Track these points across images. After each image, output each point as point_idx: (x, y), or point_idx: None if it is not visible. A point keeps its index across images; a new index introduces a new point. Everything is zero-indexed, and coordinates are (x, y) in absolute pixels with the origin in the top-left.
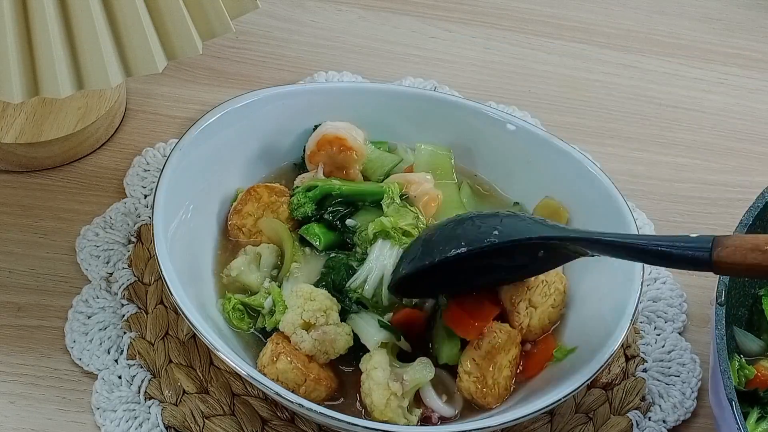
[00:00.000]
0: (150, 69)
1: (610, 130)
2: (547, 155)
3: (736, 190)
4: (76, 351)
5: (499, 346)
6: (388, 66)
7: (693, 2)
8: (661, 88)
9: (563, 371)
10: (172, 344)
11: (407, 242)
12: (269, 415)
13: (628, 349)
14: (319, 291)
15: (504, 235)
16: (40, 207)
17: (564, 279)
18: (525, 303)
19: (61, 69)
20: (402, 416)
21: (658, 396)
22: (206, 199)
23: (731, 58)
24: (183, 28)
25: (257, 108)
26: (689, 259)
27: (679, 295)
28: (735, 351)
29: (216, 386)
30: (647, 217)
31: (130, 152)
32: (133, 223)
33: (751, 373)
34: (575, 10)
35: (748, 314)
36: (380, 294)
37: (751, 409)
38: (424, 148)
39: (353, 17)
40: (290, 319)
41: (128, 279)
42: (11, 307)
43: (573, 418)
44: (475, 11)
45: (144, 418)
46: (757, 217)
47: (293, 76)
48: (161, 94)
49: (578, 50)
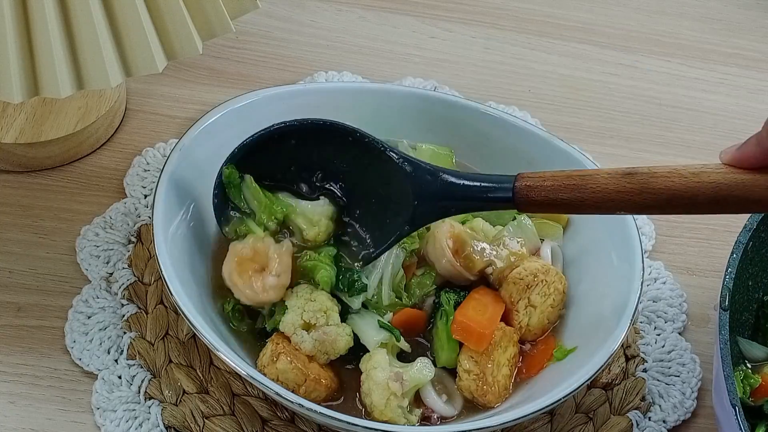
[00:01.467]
0: (150, 69)
1: (610, 130)
2: (547, 155)
3: None
4: (76, 351)
5: (495, 342)
6: (388, 66)
7: (693, 2)
8: (661, 88)
9: (563, 371)
10: (172, 344)
11: (406, 242)
12: (269, 415)
13: (628, 349)
14: (319, 291)
15: (333, 123)
16: (40, 207)
17: (563, 279)
18: (524, 302)
19: (61, 69)
20: (402, 416)
21: (658, 396)
22: (206, 199)
23: (731, 58)
24: (183, 28)
25: (257, 108)
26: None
27: (679, 295)
28: (740, 356)
29: (216, 386)
30: (647, 217)
31: (130, 152)
32: (133, 223)
33: (756, 382)
34: (575, 10)
35: (753, 319)
36: (380, 294)
37: (759, 422)
38: (425, 148)
39: (353, 17)
40: (290, 320)
41: (128, 279)
42: (11, 307)
43: (573, 418)
44: (475, 11)
45: (144, 418)
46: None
47: (293, 76)
48: (161, 94)
49: (578, 50)
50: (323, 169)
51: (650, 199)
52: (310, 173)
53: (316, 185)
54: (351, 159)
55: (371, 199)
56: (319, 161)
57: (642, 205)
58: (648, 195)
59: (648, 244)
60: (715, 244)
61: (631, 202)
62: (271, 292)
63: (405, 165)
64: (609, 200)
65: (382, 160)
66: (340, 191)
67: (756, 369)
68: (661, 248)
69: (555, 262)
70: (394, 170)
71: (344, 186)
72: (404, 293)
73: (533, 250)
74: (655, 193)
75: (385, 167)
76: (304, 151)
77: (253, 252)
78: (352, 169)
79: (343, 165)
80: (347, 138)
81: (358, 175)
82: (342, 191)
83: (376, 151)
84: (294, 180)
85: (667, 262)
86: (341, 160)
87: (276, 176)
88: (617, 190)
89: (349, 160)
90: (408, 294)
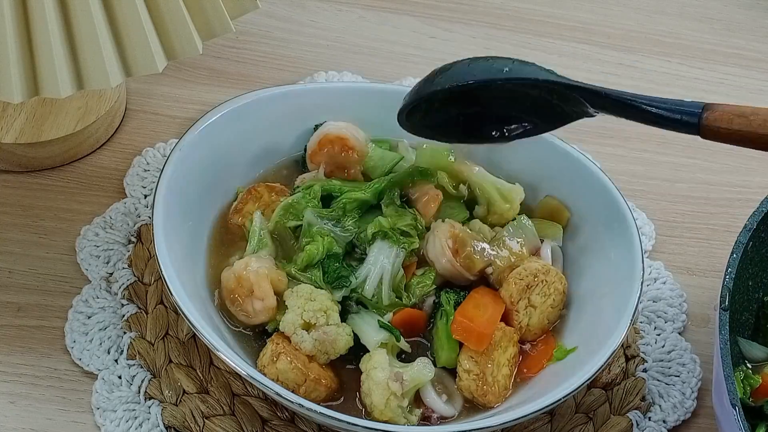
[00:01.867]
0: (150, 69)
1: (610, 130)
2: (547, 155)
3: (736, 190)
4: (76, 351)
5: (495, 342)
6: (388, 66)
7: (693, 2)
8: (661, 88)
9: (563, 371)
10: (172, 344)
11: (406, 242)
12: (269, 415)
13: (628, 349)
14: (319, 291)
15: (513, 72)
16: (40, 207)
17: (564, 279)
18: (525, 302)
19: (61, 69)
20: (402, 416)
21: (658, 396)
22: (206, 199)
23: (731, 58)
24: (183, 28)
25: (257, 108)
26: (680, 121)
27: (679, 295)
28: (740, 356)
29: (216, 386)
30: (647, 217)
31: (130, 152)
32: (133, 223)
33: (756, 383)
34: (575, 10)
35: (753, 320)
36: (380, 294)
37: (759, 423)
38: (426, 148)
39: (353, 17)
40: (290, 320)
41: (128, 279)
42: (11, 307)
43: (573, 418)
44: (475, 11)
45: (144, 418)
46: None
47: (293, 76)
48: (161, 94)
49: (578, 50)
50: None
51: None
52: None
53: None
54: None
55: None
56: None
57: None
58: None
59: (648, 244)
60: (715, 244)
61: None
62: (261, 316)
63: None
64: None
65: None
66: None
67: (756, 369)
68: (661, 248)
69: (555, 262)
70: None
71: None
72: (404, 293)
73: (533, 250)
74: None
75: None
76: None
77: (237, 281)
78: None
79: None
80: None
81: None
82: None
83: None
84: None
85: (667, 262)
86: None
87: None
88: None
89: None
90: (408, 294)
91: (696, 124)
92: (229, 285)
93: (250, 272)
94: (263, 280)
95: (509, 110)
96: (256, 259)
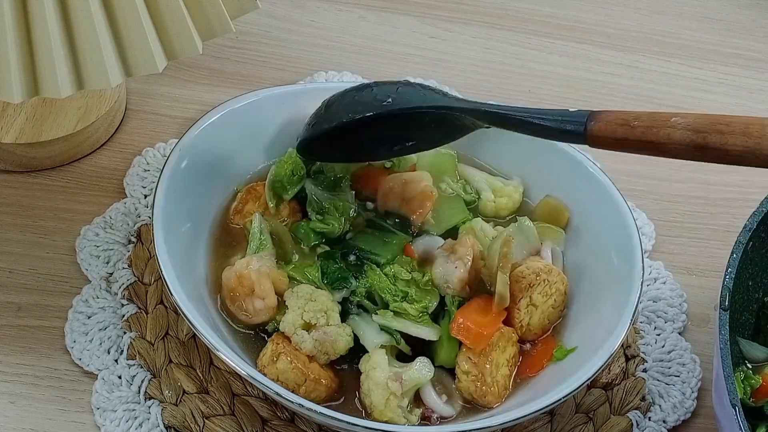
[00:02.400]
0: (150, 69)
1: None
2: (547, 155)
3: (736, 190)
4: (76, 351)
5: (493, 343)
6: (388, 66)
7: (693, 2)
8: (661, 88)
9: (563, 371)
10: (172, 344)
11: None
12: (269, 415)
13: (628, 349)
14: (319, 292)
15: (396, 103)
16: (40, 207)
17: (565, 280)
18: (526, 300)
19: (61, 69)
20: (402, 416)
21: (658, 396)
22: (206, 199)
23: (731, 58)
24: (183, 28)
25: (257, 108)
26: (566, 131)
27: (679, 295)
28: (740, 357)
29: (216, 386)
30: (647, 217)
31: (130, 152)
32: (133, 223)
33: (757, 383)
34: (575, 10)
35: (753, 320)
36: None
37: (759, 423)
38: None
39: (353, 17)
40: (291, 320)
41: (128, 279)
42: (11, 307)
43: (573, 418)
44: (475, 11)
45: (144, 418)
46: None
47: (293, 76)
48: (161, 94)
49: (578, 50)
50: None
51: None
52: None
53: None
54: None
55: None
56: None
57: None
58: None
59: (648, 244)
60: (715, 244)
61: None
62: (261, 315)
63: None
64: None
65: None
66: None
67: (756, 370)
68: (661, 248)
69: (555, 263)
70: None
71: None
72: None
73: (534, 251)
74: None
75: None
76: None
77: (238, 279)
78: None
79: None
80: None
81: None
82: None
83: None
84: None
85: (667, 262)
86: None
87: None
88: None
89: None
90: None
91: (582, 133)
92: (230, 283)
93: (252, 271)
94: (264, 279)
95: (406, 130)
96: (258, 259)
